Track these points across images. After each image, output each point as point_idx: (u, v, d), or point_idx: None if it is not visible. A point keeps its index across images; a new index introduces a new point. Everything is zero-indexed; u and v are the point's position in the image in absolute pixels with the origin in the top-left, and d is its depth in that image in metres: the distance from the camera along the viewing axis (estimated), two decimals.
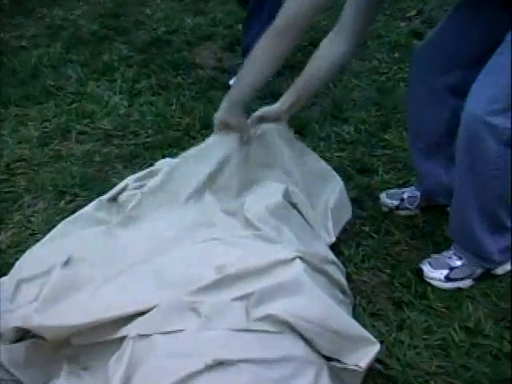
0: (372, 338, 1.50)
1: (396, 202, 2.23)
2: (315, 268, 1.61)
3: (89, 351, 1.51)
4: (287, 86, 2.08)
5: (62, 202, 2.31)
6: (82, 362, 1.51)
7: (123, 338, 1.43)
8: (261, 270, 1.49)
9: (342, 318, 1.50)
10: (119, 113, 2.94)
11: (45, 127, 2.82)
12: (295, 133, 2.70)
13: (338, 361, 1.47)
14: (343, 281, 1.73)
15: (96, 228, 1.88)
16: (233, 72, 3.25)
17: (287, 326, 1.42)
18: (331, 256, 1.77)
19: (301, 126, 2.80)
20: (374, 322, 1.78)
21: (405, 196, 2.22)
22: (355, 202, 2.26)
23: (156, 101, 3.04)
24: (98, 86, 3.18)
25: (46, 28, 3.94)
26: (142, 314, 1.43)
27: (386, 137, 2.75)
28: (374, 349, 1.48)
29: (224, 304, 1.42)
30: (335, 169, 2.43)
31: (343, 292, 1.71)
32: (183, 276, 1.51)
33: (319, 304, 1.47)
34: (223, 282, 1.47)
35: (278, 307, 1.42)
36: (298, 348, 1.42)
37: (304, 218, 1.87)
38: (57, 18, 4.09)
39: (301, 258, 1.56)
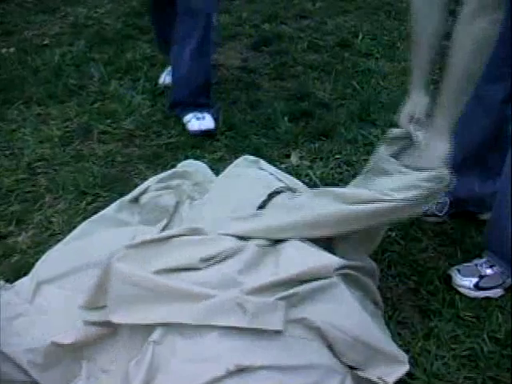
0: (403, 356, 1.52)
1: (424, 208, 2.21)
2: (354, 278, 1.63)
3: (108, 353, 1.54)
4: (316, 85, 2.07)
5: (83, 202, 2.34)
6: (101, 365, 1.53)
7: (144, 342, 1.45)
8: (306, 274, 1.51)
9: (376, 333, 1.52)
10: (142, 113, 2.96)
11: (66, 127, 2.85)
12: (320, 135, 2.74)
13: (362, 370, 1.48)
14: (377, 292, 1.73)
15: (118, 229, 1.92)
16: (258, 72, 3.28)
17: (317, 333, 1.44)
18: (370, 265, 1.77)
19: (327, 129, 2.81)
20: (400, 331, 1.78)
21: None
22: None
23: None
24: (121, 86, 3.21)
25: (70, 26, 3.98)
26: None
27: None
28: (403, 368, 1.51)
29: (269, 303, 1.45)
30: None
31: (375, 303, 1.72)
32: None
33: (355, 315, 1.50)
34: (274, 283, 1.49)
35: (314, 312, 1.46)
36: (324, 356, 1.44)
37: None
38: (80, 16, 4.12)
39: (343, 267, 1.59)
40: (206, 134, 2.74)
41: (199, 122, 2.76)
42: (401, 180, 1.68)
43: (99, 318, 1.57)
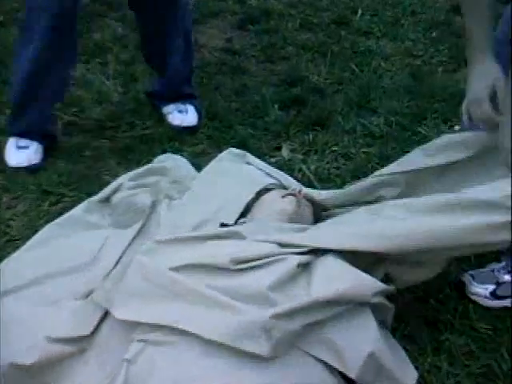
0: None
1: None
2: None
3: (76, 376, 1.54)
4: (310, 68, 2.08)
5: (46, 203, 2.32)
6: None
7: (118, 360, 1.45)
8: (341, 296, 1.54)
9: (391, 356, 1.55)
10: (113, 100, 2.95)
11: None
12: (314, 125, 2.75)
13: None
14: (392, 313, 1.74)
15: (87, 233, 1.92)
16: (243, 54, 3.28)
17: (333, 356, 1.47)
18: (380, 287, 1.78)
19: (322, 118, 2.81)
20: (407, 345, 1.77)
21: None
22: None
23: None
24: (88, 70, 3.19)
25: None
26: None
27: (421, 130, 2.75)
28: None
29: (294, 332, 1.47)
30: (361, 167, 2.47)
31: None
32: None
33: (376, 342, 1.52)
34: (306, 306, 1.51)
35: (333, 335, 1.50)
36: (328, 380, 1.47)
37: None
38: None
39: (381, 292, 1.63)
40: (187, 130, 2.74)
41: (181, 116, 2.76)
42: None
43: (66, 333, 1.56)
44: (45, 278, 1.77)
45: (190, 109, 2.78)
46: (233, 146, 2.49)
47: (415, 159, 1.96)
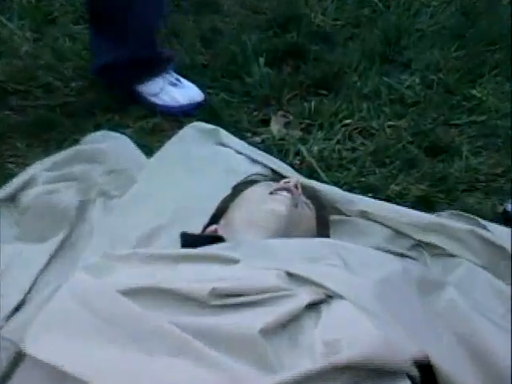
0: None
1: None
2: None
3: None
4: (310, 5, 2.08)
5: None
6: None
7: None
8: (369, 361, 1.53)
9: None
10: (20, 53, 2.95)
11: None
12: (320, 86, 2.76)
13: None
14: None
15: None
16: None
17: None
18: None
19: (329, 77, 2.83)
20: None
21: None
22: (422, 202, 2.27)
23: (81, 33, 3.05)
24: None
25: None
26: None
27: (475, 93, 2.77)
28: None
29: None
30: (387, 148, 2.49)
31: None
32: None
33: None
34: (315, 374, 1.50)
35: None
36: None
37: None
38: None
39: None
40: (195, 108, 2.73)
41: (179, 89, 2.74)
42: None
43: None
44: None
45: (181, 78, 2.78)
46: (199, 120, 2.51)
47: None
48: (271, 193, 1.90)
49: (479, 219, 2.11)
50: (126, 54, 2.64)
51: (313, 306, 1.57)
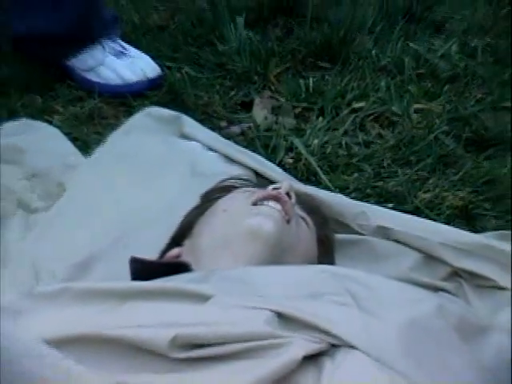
0: None
1: None
2: None
3: None
4: None
5: None
6: None
7: None
8: None
9: None
10: None
11: None
12: (321, 55, 2.77)
13: None
14: None
15: None
16: None
17: None
18: None
19: (333, 40, 2.83)
20: None
21: None
22: (463, 216, 2.28)
23: None
24: None
25: None
26: None
27: None
28: None
29: None
30: (414, 142, 2.50)
31: None
32: None
33: None
34: None
35: None
36: None
37: None
38: None
39: None
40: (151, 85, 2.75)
41: (126, 61, 2.76)
42: None
43: None
44: None
45: (126, 44, 2.80)
46: (154, 103, 2.51)
47: None
48: (254, 203, 1.90)
49: None
50: (53, 17, 2.67)
51: (312, 359, 1.58)
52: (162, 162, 2.26)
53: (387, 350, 1.60)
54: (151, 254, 1.91)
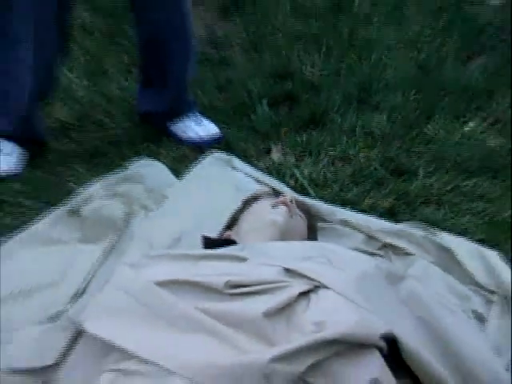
0: None
1: None
2: None
3: None
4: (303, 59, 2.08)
5: (5, 214, 2.32)
6: None
7: None
8: (349, 336, 1.53)
9: None
10: (79, 98, 2.96)
11: None
12: (308, 124, 2.77)
13: None
14: None
15: (51, 249, 1.94)
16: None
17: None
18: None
19: (317, 116, 2.83)
20: None
21: None
22: (389, 213, 2.29)
23: (128, 83, 3.06)
24: None
25: None
26: None
27: (429, 128, 2.77)
28: None
29: (295, 375, 1.45)
30: (362, 170, 2.50)
31: None
32: None
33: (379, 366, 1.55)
34: (310, 346, 1.50)
35: (337, 368, 1.50)
36: None
37: None
38: None
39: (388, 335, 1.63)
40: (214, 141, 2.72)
41: (202, 127, 2.74)
42: None
43: (27, 363, 1.57)
44: (3, 301, 1.79)
45: (202, 117, 2.78)
46: (216, 149, 2.53)
47: None
48: (272, 206, 1.92)
49: (431, 228, 2.14)
50: (164, 104, 2.70)
51: (304, 295, 1.58)
52: (220, 182, 2.26)
53: (348, 289, 1.60)
54: (213, 234, 1.92)
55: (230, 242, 1.85)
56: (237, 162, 2.42)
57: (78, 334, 1.57)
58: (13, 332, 1.66)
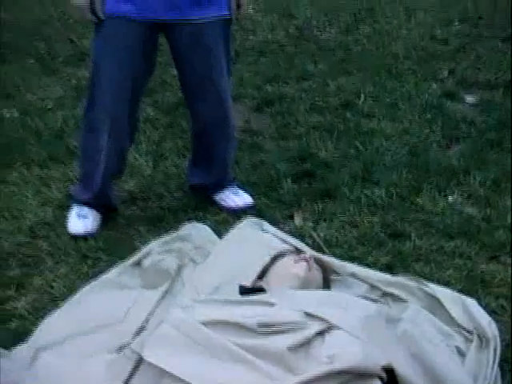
0: None
1: None
2: None
3: None
4: (319, 145, 2.09)
5: (85, 266, 2.32)
6: None
7: None
8: (355, 369, 1.50)
9: None
10: (144, 174, 2.99)
11: (68, 189, 2.83)
12: (323, 196, 2.75)
13: None
14: None
15: (119, 292, 1.93)
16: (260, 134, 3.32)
17: None
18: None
19: (330, 189, 2.82)
20: None
21: None
22: (387, 268, 2.25)
23: (181, 163, 3.07)
24: None
25: (72, 89, 4.03)
26: None
27: (419, 200, 2.74)
28: None
29: None
30: (366, 234, 2.47)
31: None
32: None
33: None
34: (321, 376, 1.48)
35: None
36: None
37: None
38: (82, 78, 4.13)
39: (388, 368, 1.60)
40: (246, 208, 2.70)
41: (239, 197, 2.73)
42: None
43: None
44: (79, 334, 1.79)
45: (239, 189, 2.77)
46: (250, 215, 2.52)
47: None
48: (295, 262, 1.90)
49: (422, 280, 2.10)
50: (210, 179, 2.71)
51: (320, 333, 1.56)
52: (254, 241, 2.24)
53: (355, 329, 1.57)
54: (247, 283, 1.91)
55: (260, 290, 1.83)
56: (266, 225, 2.41)
57: (139, 362, 1.56)
58: (86, 360, 1.65)
